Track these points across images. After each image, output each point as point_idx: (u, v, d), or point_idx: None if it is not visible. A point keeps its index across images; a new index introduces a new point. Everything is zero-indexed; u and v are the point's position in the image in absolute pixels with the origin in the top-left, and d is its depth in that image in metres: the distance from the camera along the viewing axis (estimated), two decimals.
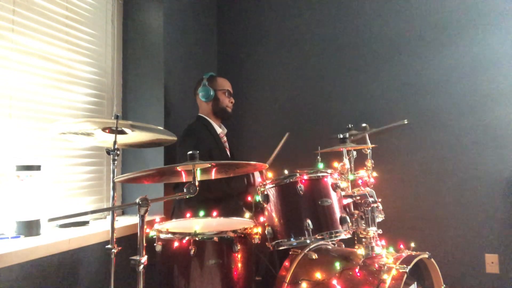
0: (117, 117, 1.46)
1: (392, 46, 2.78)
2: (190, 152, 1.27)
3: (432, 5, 2.70)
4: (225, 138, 2.39)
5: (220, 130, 2.35)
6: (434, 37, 2.67)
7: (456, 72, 2.61)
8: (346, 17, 2.92)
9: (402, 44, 2.75)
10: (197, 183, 1.25)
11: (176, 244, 1.44)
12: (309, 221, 1.54)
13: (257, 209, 1.71)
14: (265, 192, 1.66)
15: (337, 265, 1.57)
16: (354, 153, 2.01)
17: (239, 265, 1.48)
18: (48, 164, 1.87)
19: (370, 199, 1.64)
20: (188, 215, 1.90)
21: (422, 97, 2.68)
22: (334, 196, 1.63)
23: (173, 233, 1.46)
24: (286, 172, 1.68)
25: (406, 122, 2.03)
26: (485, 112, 2.53)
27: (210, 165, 1.34)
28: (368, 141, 1.95)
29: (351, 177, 1.86)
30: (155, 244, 1.49)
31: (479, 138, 2.53)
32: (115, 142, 1.54)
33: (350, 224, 1.62)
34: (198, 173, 1.31)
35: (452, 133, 2.59)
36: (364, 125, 1.96)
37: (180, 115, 2.52)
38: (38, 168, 1.65)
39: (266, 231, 1.61)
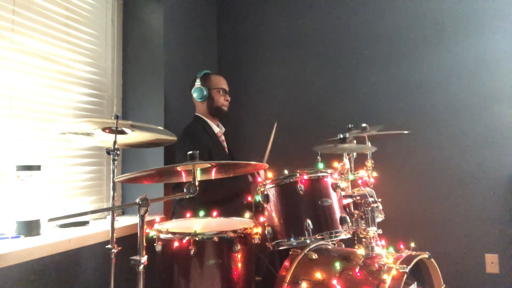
0: (117, 117, 1.46)
1: (392, 46, 2.77)
2: (190, 152, 1.27)
3: (432, 5, 2.69)
4: (223, 137, 2.38)
5: (217, 129, 2.33)
6: (434, 37, 2.67)
7: (456, 72, 2.61)
8: (347, 17, 2.92)
9: (402, 44, 2.75)
10: (197, 183, 1.25)
11: (176, 244, 1.44)
12: (309, 221, 1.54)
13: (257, 209, 1.70)
14: (265, 192, 1.66)
15: (337, 265, 1.57)
16: (354, 153, 2.01)
17: (239, 265, 1.48)
18: (48, 164, 1.87)
19: (370, 199, 1.64)
20: (188, 215, 1.90)
21: (422, 97, 2.68)
22: (334, 196, 1.63)
23: (173, 233, 1.46)
24: (286, 172, 1.68)
25: (406, 133, 2.04)
26: (485, 112, 2.53)
27: (210, 165, 1.34)
28: (368, 142, 1.95)
29: (351, 177, 1.86)
30: (155, 244, 1.49)
31: (479, 138, 2.53)
32: (115, 142, 1.53)
33: (350, 224, 1.61)
34: (198, 173, 1.31)
35: (452, 133, 2.59)
36: (364, 125, 1.96)
37: (180, 115, 2.51)
38: (38, 168, 1.65)
39: (266, 231, 1.61)
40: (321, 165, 1.82)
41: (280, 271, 1.67)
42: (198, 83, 2.27)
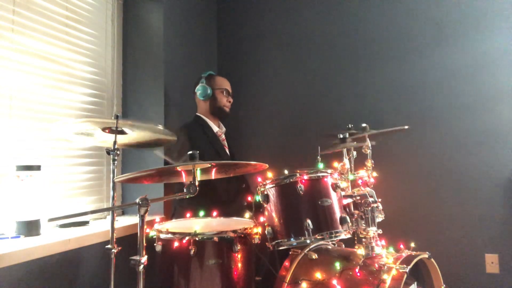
0: (117, 117, 1.46)
1: (392, 46, 2.77)
2: (190, 152, 1.27)
3: (432, 5, 2.69)
4: (223, 137, 2.38)
5: (217, 129, 2.34)
6: (434, 37, 2.67)
7: (456, 72, 2.61)
8: (347, 17, 2.92)
9: (402, 44, 2.75)
10: (197, 183, 1.25)
11: (176, 244, 1.44)
12: (309, 221, 1.54)
13: (257, 209, 1.70)
14: (265, 192, 1.66)
15: (337, 265, 1.57)
16: (354, 153, 2.01)
17: (239, 265, 1.48)
18: (48, 164, 1.87)
19: (370, 199, 1.64)
20: (188, 215, 1.90)
21: (422, 97, 2.68)
22: (334, 196, 1.63)
23: (173, 233, 1.46)
24: (286, 172, 1.68)
25: (406, 128, 2.04)
26: (485, 112, 2.53)
27: (210, 165, 1.34)
28: (368, 142, 1.95)
29: (351, 177, 1.86)
30: (155, 244, 1.49)
31: (479, 138, 2.53)
32: (115, 142, 1.54)
33: (350, 224, 1.61)
34: (198, 173, 1.31)
35: (452, 133, 2.59)
36: (364, 125, 1.96)
37: (180, 115, 2.52)
38: (38, 168, 1.65)
39: (266, 231, 1.61)
40: (321, 165, 1.82)
41: (280, 271, 1.67)
42: (202, 82, 2.29)
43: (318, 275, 1.55)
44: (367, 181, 1.85)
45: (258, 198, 1.68)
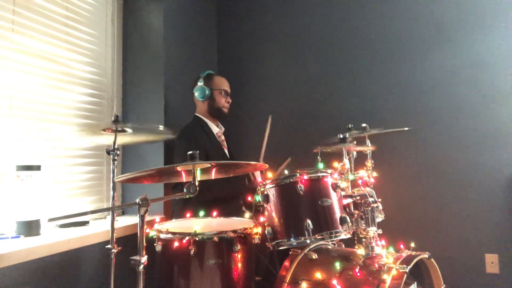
0: (116, 117, 1.47)
1: (392, 46, 2.77)
2: (190, 152, 1.27)
3: (432, 5, 2.69)
4: (223, 137, 2.38)
5: (217, 129, 2.34)
6: (434, 37, 2.67)
7: (456, 72, 2.61)
8: (347, 17, 2.92)
9: (402, 44, 2.75)
10: (197, 183, 1.25)
11: (176, 244, 1.44)
12: (309, 221, 1.54)
13: (257, 209, 1.70)
14: (265, 192, 1.66)
15: (337, 265, 1.57)
16: (354, 153, 2.01)
17: (239, 265, 1.48)
18: (48, 164, 1.87)
19: (370, 199, 1.64)
20: (188, 215, 1.90)
21: (422, 97, 2.67)
22: (334, 196, 1.63)
23: (173, 233, 1.46)
24: (286, 172, 1.68)
25: (406, 129, 2.04)
26: (485, 112, 2.53)
27: (210, 165, 1.33)
28: (368, 142, 1.95)
29: (351, 177, 1.85)
30: (155, 244, 1.49)
31: (479, 138, 2.53)
32: (115, 142, 1.54)
33: (350, 224, 1.61)
34: (198, 173, 1.31)
35: (452, 133, 2.59)
36: (364, 125, 1.96)
37: (180, 115, 2.51)
38: (38, 168, 1.65)
39: (266, 231, 1.61)
40: (321, 165, 1.82)
41: (280, 271, 1.67)
42: (201, 82, 2.28)
43: (318, 275, 1.56)
44: (367, 181, 1.85)
45: (258, 198, 1.68)
